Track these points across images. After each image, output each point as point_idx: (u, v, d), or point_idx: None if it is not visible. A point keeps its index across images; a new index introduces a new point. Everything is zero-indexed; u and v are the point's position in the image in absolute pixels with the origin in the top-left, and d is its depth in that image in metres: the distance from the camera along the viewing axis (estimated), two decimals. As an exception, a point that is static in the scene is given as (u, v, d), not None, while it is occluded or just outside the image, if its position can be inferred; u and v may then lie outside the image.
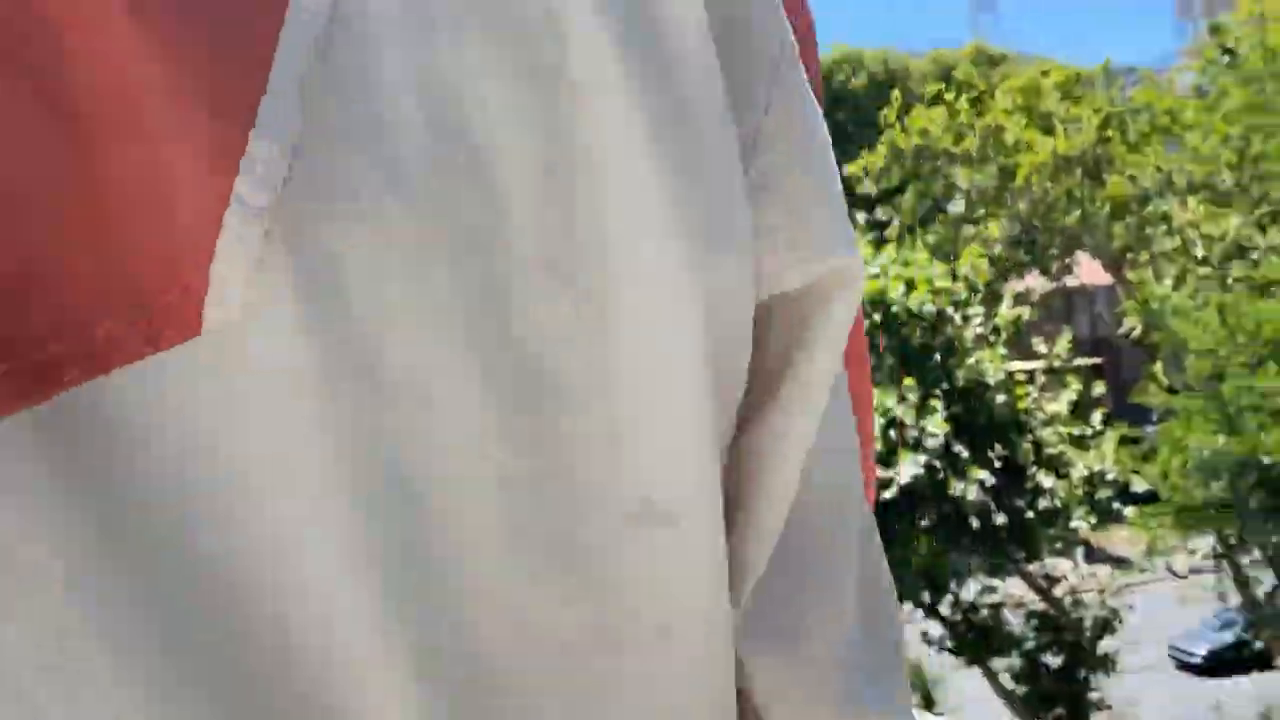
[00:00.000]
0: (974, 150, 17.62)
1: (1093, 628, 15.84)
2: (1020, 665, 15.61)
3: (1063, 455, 13.44)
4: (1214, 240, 16.98)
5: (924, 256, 15.54)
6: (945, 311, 14.52)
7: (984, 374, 13.81)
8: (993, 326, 15.10)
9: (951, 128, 18.52)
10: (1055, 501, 12.76)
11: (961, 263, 15.43)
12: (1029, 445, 13.32)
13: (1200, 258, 16.75)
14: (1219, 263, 16.29)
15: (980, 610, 15.27)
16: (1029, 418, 14.00)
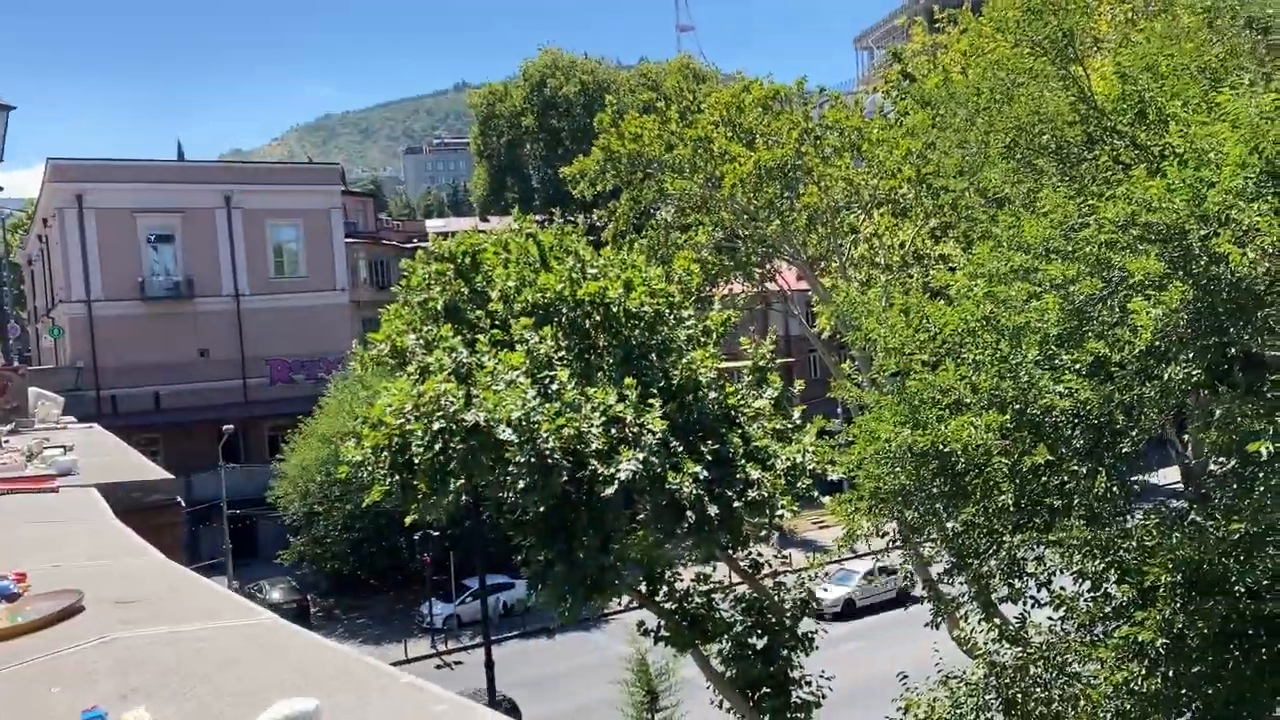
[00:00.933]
0: (685, 159, 18.28)
1: (792, 609, 16.90)
2: (729, 649, 16.38)
3: (767, 449, 14.20)
4: (894, 249, 18.62)
5: (641, 259, 15.94)
6: (662, 312, 14.95)
7: (698, 373, 14.34)
8: (703, 328, 15.74)
9: (663, 136, 19.14)
10: (762, 492, 13.44)
11: (676, 266, 15.94)
12: (738, 440, 13.96)
13: (884, 265, 18.30)
14: (898, 269, 17.86)
15: (693, 599, 15.89)
16: (737, 414, 14.70)
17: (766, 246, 18.75)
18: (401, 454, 12.86)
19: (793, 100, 19.32)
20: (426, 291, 16.55)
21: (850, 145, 18.00)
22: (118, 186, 40.42)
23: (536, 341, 13.84)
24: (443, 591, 35.18)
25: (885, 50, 75.78)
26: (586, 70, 56.73)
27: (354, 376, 35.33)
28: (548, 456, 12.35)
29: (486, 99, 59.00)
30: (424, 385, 13.02)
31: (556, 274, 14.96)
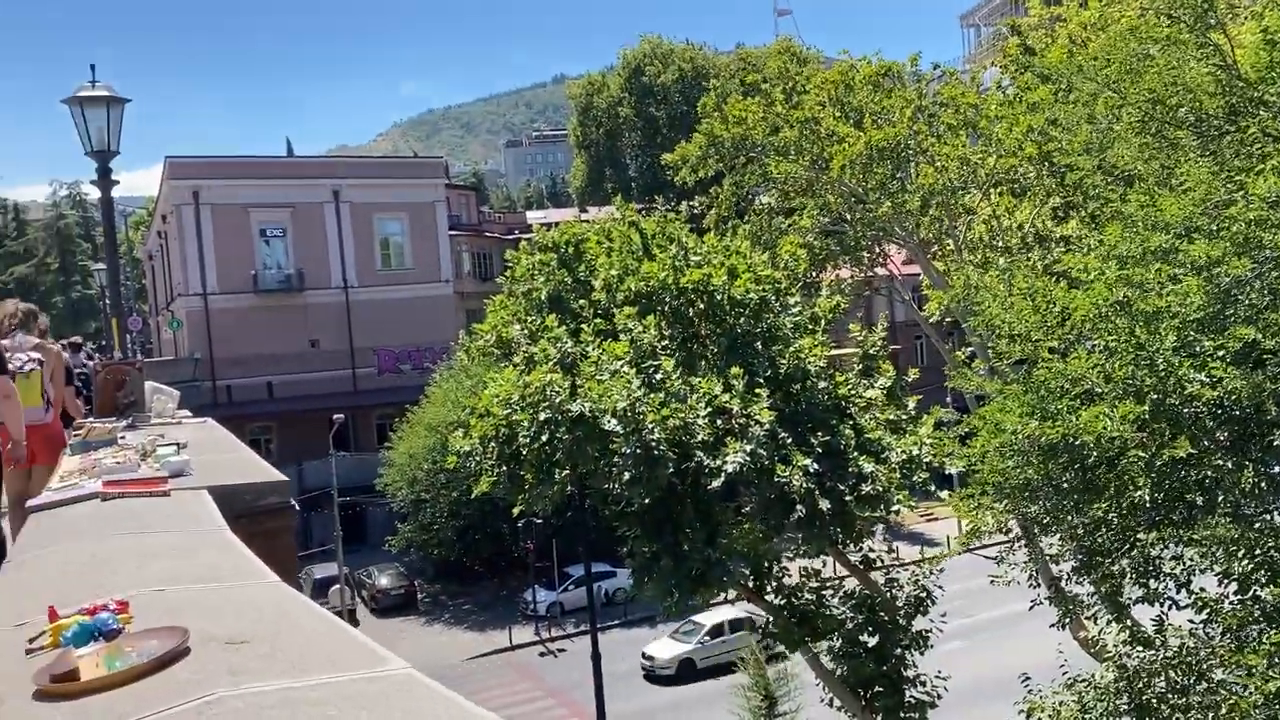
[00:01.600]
0: (791, 141, 17.79)
1: (905, 607, 16.36)
2: (839, 646, 15.94)
3: (881, 440, 13.71)
4: (1012, 230, 17.82)
5: (745, 245, 15.57)
6: (768, 299, 14.57)
7: (806, 362, 13.93)
8: (811, 315, 15.29)
9: (768, 119, 18.68)
10: (877, 486, 12.98)
11: (782, 252, 15.51)
12: (850, 431, 13.51)
13: (1002, 247, 17.52)
14: (1018, 251, 17.07)
15: (803, 594, 15.50)
16: (848, 404, 14.24)
17: (877, 229, 18.13)
18: (509, 444, 12.80)
19: (904, 77, 18.62)
20: (530, 282, 16.49)
21: (966, 123, 17.26)
22: (232, 183, 41.71)
23: (640, 331, 13.62)
24: (545, 579, 35.41)
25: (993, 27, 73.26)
26: (685, 57, 56.27)
27: (459, 366, 35.78)
28: (653, 448, 12.13)
29: (585, 89, 59.09)
30: (530, 375, 12.93)
31: (660, 262, 14.71)
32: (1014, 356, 13.21)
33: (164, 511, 2.83)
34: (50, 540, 2.46)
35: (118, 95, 7.15)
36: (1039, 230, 17.38)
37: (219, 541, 2.33)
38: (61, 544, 2.37)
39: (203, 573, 2.17)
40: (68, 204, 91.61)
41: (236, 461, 4.10)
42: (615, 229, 16.48)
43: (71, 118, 7.11)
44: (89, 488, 3.20)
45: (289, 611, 1.89)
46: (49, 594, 2.04)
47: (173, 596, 1.98)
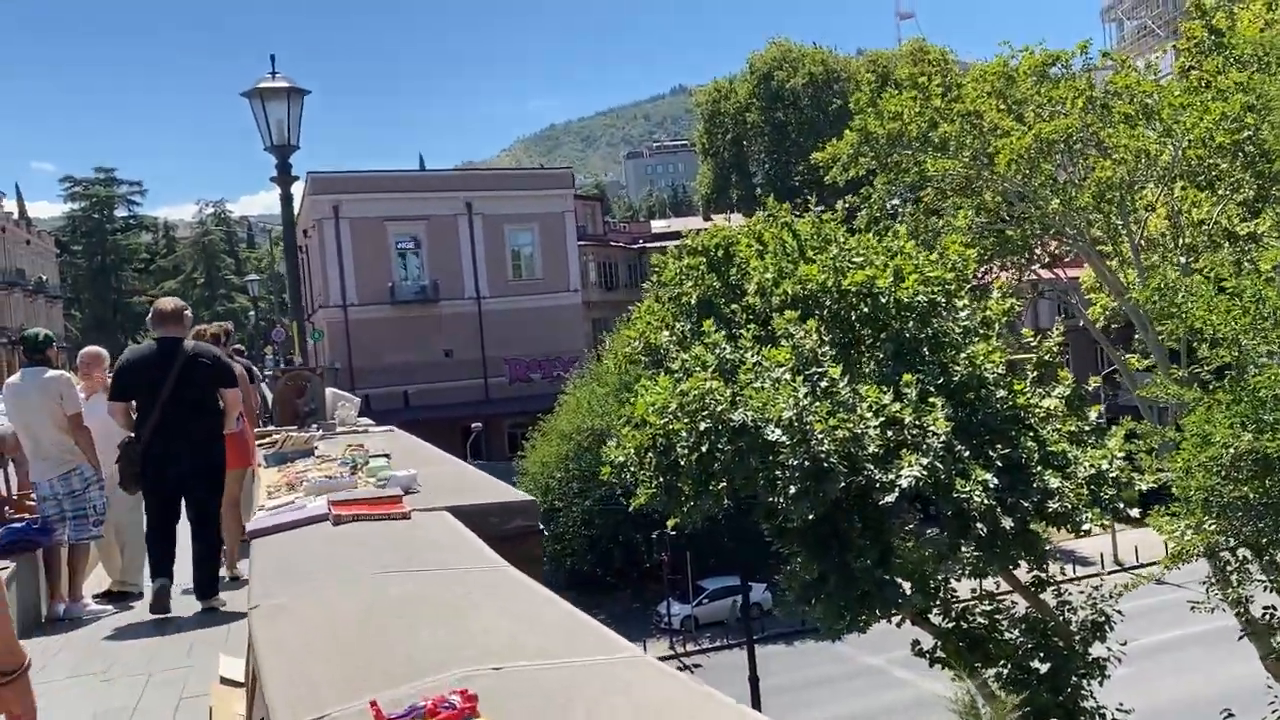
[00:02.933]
0: (952, 135, 16.82)
1: (1081, 632, 15.17)
2: (1008, 672, 14.86)
3: (1065, 454, 12.65)
4: (1196, 227, 16.46)
5: (910, 245, 14.70)
6: (937, 302, 13.68)
7: (982, 369, 12.99)
8: (983, 318, 14.32)
9: (925, 113, 17.74)
10: (1065, 503, 11.95)
11: (950, 251, 14.58)
12: (1032, 444, 12.50)
13: (1185, 244, 16.20)
14: (1204, 249, 15.74)
15: (974, 617, 14.49)
16: (1028, 415, 13.21)
17: (1045, 228, 16.97)
18: (666, 455, 12.27)
19: (1072, 65, 17.42)
20: (679, 286, 15.96)
21: (1145, 112, 15.97)
22: (370, 197, 42.65)
23: (802, 336, 12.91)
24: (679, 591, 34.83)
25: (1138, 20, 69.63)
26: (815, 61, 55.15)
27: (591, 374, 35.63)
28: (823, 460, 11.40)
29: (712, 95, 58.52)
30: (686, 383, 12.37)
31: (820, 263, 13.98)
32: (1216, 362, 12.05)
33: (415, 540, 2.33)
34: (298, 580, 1.98)
35: (298, 86, 6.91)
36: (1227, 226, 15.97)
37: (508, 582, 1.81)
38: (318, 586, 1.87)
39: (532, 639, 1.64)
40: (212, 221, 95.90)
41: (458, 476, 3.63)
42: (767, 231, 15.82)
43: (251, 111, 6.91)
44: (314, 508, 2.74)
45: (667, 695, 1.34)
46: (341, 670, 1.55)
47: (520, 678, 1.45)
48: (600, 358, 36.03)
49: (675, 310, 15.77)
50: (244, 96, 6.93)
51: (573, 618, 1.71)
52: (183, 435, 5.45)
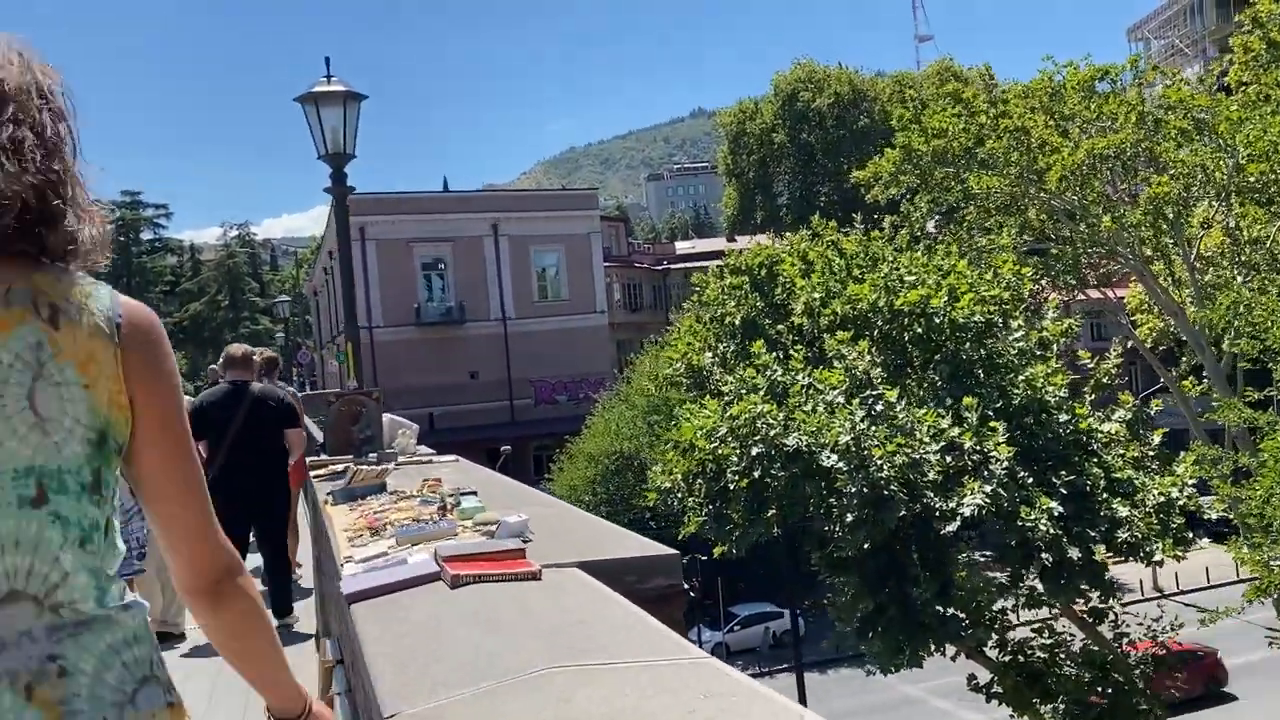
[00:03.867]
0: (1000, 151, 16.35)
1: (1141, 666, 14.56)
2: (1065, 708, 14.26)
3: (1131, 481, 12.10)
4: (1255, 244, 15.92)
5: (963, 264, 14.23)
6: (994, 322, 13.20)
7: (1043, 392, 12.48)
8: (1039, 339, 13.81)
9: (970, 130, 17.29)
10: (1135, 533, 11.39)
11: (1004, 270, 14.09)
12: (1098, 470, 11.96)
13: (1243, 263, 15.65)
14: (1266, 268, 15.17)
15: (1034, 651, 13.90)
16: (1090, 440, 12.67)
17: (1095, 246, 16.45)
18: (716, 481, 11.80)
19: (1121, 80, 16.95)
20: (721, 306, 15.54)
21: (1200, 127, 15.48)
22: (396, 218, 42.43)
23: (855, 357, 12.44)
24: (710, 618, 34.20)
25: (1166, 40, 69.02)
26: (841, 81, 54.73)
27: (619, 397, 35.19)
28: (882, 487, 10.92)
29: (737, 116, 58.14)
30: (736, 406, 11.92)
31: (871, 282, 13.53)
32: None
33: (566, 612, 1.90)
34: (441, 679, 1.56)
35: (354, 91, 6.53)
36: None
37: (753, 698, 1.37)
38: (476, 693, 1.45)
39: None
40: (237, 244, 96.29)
41: (561, 517, 3.18)
42: (812, 250, 15.39)
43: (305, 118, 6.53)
44: (419, 563, 2.31)
45: None
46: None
47: None
48: (628, 380, 35.60)
49: (718, 331, 15.34)
50: (297, 102, 6.57)
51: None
52: (250, 472, 5.88)
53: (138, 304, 1.54)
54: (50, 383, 1.39)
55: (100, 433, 1.43)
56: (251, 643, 1.63)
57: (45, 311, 1.41)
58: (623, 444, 32.84)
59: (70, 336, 1.42)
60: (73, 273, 1.48)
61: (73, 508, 1.40)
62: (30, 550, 1.37)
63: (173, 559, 1.56)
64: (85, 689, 1.37)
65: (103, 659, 1.40)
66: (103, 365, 1.43)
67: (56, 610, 1.38)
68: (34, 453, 1.37)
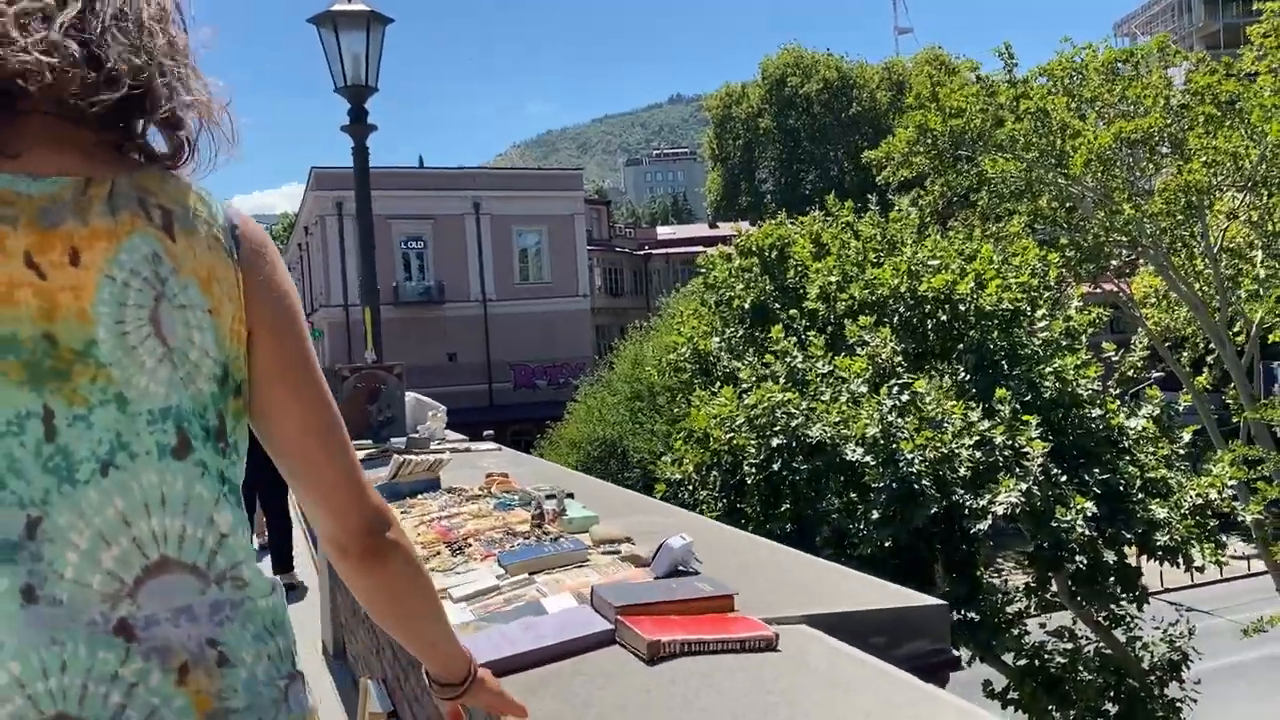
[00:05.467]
0: (1022, 133, 15.67)
1: (1158, 671, 14.01)
2: (1076, 712, 13.70)
3: (1166, 480, 11.48)
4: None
5: (987, 248, 13.55)
6: (1023, 311, 12.53)
7: (1075, 385, 11.83)
8: (1066, 329, 13.16)
9: (988, 110, 16.61)
10: (1174, 536, 10.77)
11: (1029, 256, 13.43)
12: (1133, 469, 11.33)
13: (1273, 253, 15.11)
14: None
15: (1053, 656, 13.29)
16: (1122, 436, 12.04)
17: (1117, 234, 15.82)
18: (732, 473, 11.06)
19: (1149, 62, 16.30)
20: (729, 289, 14.77)
21: (1231, 113, 14.87)
22: (374, 194, 41.09)
23: (878, 344, 11.74)
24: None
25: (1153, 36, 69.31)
26: (830, 67, 54.02)
27: (602, 382, 34.42)
28: (912, 483, 10.22)
29: (723, 101, 57.36)
30: (753, 394, 11.18)
31: (892, 265, 12.82)
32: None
33: (846, 706, 1.12)
34: None
35: (379, 13, 5.64)
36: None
37: None
38: None
39: None
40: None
41: (720, 538, 2.40)
42: (826, 232, 14.65)
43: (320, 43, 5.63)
44: (568, 614, 1.52)
45: None
46: None
47: None
48: (610, 365, 34.81)
49: (726, 315, 14.58)
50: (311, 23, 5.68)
51: None
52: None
53: (247, 215, 1.29)
54: (174, 305, 1.17)
55: (224, 368, 1.22)
56: (412, 603, 1.39)
57: (158, 217, 1.17)
58: (605, 430, 32.08)
59: (189, 249, 1.18)
60: (179, 176, 1.23)
61: (211, 458, 1.20)
62: (180, 510, 1.17)
63: (321, 517, 1.32)
64: (243, 683, 1.18)
65: (256, 646, 1.21)
66: (225, 286, 1.21)
67: (221, 583, 1.19)
68: (168, 390, 1.16)
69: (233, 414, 1.23)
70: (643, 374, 28.28)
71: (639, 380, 28.68)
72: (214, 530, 1.19)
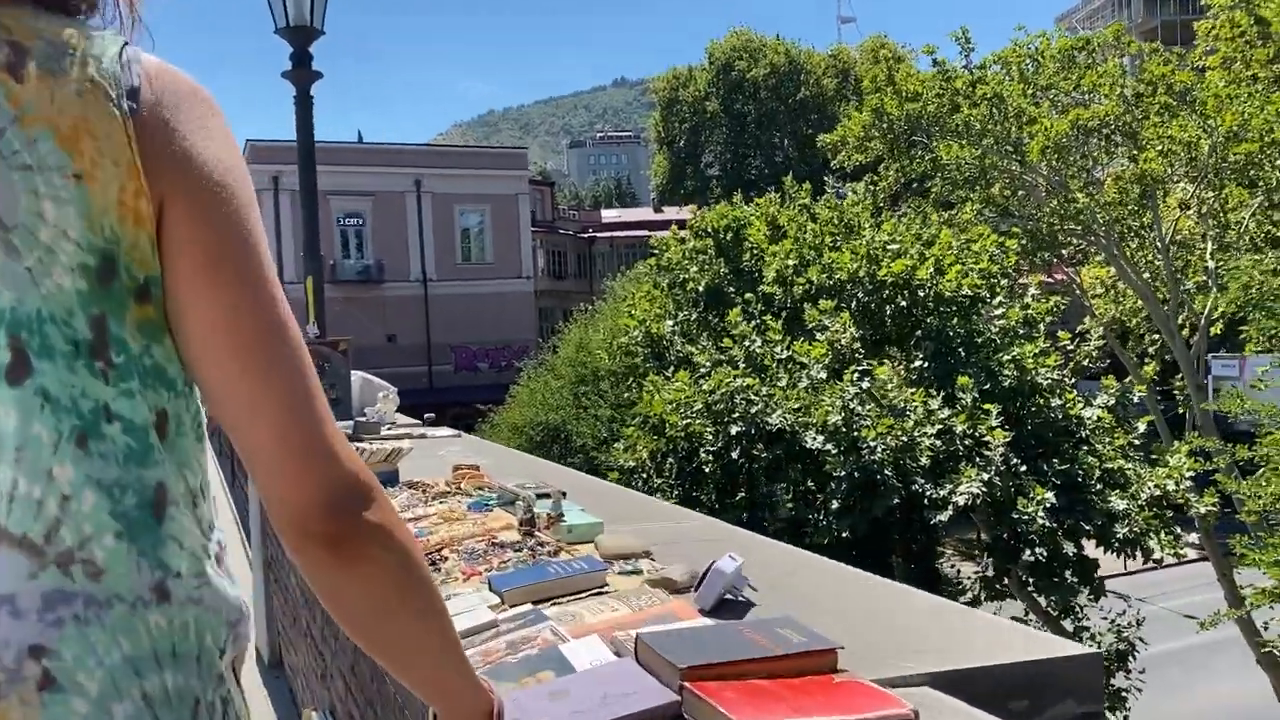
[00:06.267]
0: (978, 119, 15.49)
1: (1107, 661, 14.02)
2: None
3: (1124, 471, 11.37)
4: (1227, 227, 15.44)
5: (946, 233, 13.34)
6: (983, 298, 12.34)
7: (1034, 374, 11.66)
8: (1024, 317, 13.00)
9: (944, 95, 16.42)
10: (1132, 528, 10.65)
11: (986, 243, 13.25)
12: (1092, 460, 11.19)
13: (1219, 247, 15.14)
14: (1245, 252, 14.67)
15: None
16: (1079, 426, 11.91)
17: (1075, 223, 15.73)
18: (689, 460, 10.69)
19: (1105, 51, 16.24)
20: (684, 272, 14.38)
21: (1186, 104, 14.84)
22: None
23: (838, 330, 11.45)
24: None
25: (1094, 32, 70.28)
26: (778, 52, 53.76)
27: (545, 367, 33.90)
28: (875, 472, 9.94)
29: (670, 83, 56.80)
30: (711, 379, 10.81)
31: (851, 249, 12.53)
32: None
33: None
34: None
35: (331, -52, 5.16)
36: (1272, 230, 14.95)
37: None
38: None
39: None
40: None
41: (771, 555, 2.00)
42: (783, 214, 14.32)
43: (261, -21, 5.11)
44: (599, 666, 1.08)
45: None
46: None
47: None
48: (554, 349, 34.30)
49: (679, 297, 14.20)
50: (252, -43, 5.17)
51: None
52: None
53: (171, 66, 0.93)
54: (12, 165, 0.81)
55: (105, 257, 0.84)
56: (404, 621, 0.93)
57: (2, 53, 0.83)
58: (549, 415, 31.58)
59: (43, 92, 0.83)
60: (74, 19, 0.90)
61: (61, 381, 0.83)
62: (9, 460, 0.81)
63: (262, 482, 0.88)
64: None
65: (118, 674, 0.80)
66: (106, 145, 0.84)
67: (65, 567, 0.81)
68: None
69: (134, 326, 0.87)
70: (588, 358, 27.82)
71: (584, 364, 28.21)
72: (54, 488, 0.82)
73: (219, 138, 0.93)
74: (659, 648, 1.10)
